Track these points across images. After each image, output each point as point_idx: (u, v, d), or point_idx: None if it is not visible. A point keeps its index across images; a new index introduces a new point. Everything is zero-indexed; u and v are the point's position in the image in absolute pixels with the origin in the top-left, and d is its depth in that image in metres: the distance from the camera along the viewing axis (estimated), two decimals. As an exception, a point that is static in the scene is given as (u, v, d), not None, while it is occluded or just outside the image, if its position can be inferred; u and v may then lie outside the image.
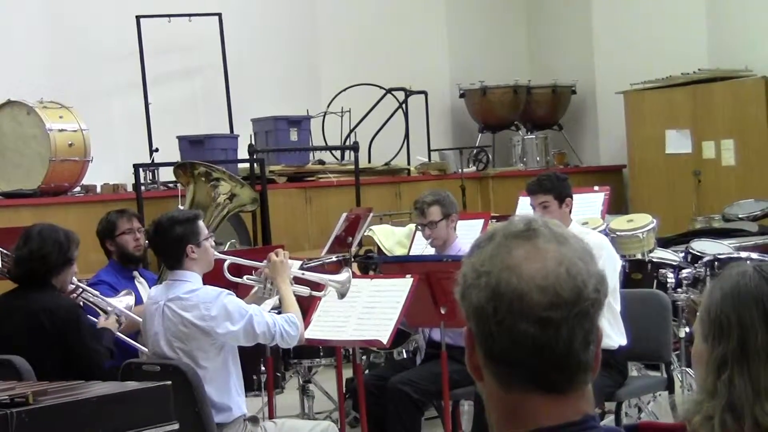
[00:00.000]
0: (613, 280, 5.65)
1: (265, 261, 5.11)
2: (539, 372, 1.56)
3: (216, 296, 4.77)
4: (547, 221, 1.64)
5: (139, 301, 5.61)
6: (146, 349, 5.11)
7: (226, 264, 5.15)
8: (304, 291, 5.19)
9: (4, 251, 5.54)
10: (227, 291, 4.87)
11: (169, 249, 4.88)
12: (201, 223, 4.95)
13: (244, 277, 5.20)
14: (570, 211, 5.91)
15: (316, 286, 5.26)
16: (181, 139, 9.81)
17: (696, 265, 6.93)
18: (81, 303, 5.33)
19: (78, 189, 9.04)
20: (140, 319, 5.15)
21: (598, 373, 1.64)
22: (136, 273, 6.09)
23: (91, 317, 5.32)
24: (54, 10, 9.89)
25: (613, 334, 5.60)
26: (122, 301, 5.45)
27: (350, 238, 7.70)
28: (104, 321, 5.28)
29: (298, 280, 5.16)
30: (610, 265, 5.65)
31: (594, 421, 1.61)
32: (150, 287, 5.79)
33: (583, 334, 1.57)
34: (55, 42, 9.87)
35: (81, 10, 10.00)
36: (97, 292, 5.45)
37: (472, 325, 1.60)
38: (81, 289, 5.37)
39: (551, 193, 5.84)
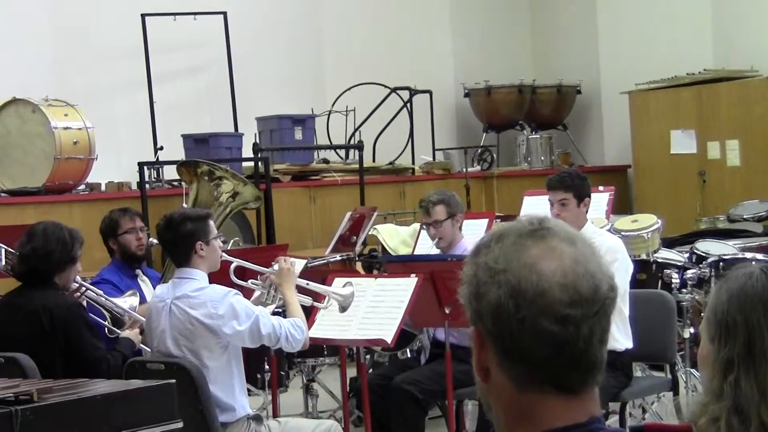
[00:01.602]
0: (625, 284, 5.62)
1: (271, 267, 5.11)
2: (557, 370, 1.57)
3: (224, 295, 4.77)
4: (557, 221, 1.64)
5: (142, 299, 5.61)
6: (149, 349, 5.10)
7: (232, 266, 5.15)
8: (307, 301, 5.20)
9: (9, 249, 5.54)
10: (234, 291, 4.87)
11: (178, 244, 4.88)
12: (212, 222, 4.97)
13: (249, 281, 5.20)
14: (587, 212, 5.88)
15: (319, 297, 5.26)
16: (185, 137, 9.82)
17: (701, 265, 6.92)
18: (84, 302, 5.32)
19: (82, 187, 9.05)
20: (143, 319, 5.16)
21: (604, 373, 1.64)
22: (139, 271, 6.09)
23: (95, 317, 5.31)
24: (59, 9, 9.89)
25: (620, 337, 5.59)
26: (126, 302, 5.44)
27: (354, 237, 7.70)
28: (128, 332, 5.27)
29: (301, 290, 5.16)
30: (624, 268, 5.64)
31: (599, 422, 1.61)
32: (153, 286, 5.79)
33: (601, 332, 1.58)
34: (60, 40, 9.88)
35: (86, 8, 10.01)
36: (100, 291, 5.44)
37: (487, 324, 1.59)
38: (84, 288, 5.37)
39: (571, 191, 5.81)
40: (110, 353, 5.03)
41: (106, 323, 5.38)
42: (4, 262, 5.59)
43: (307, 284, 5.23)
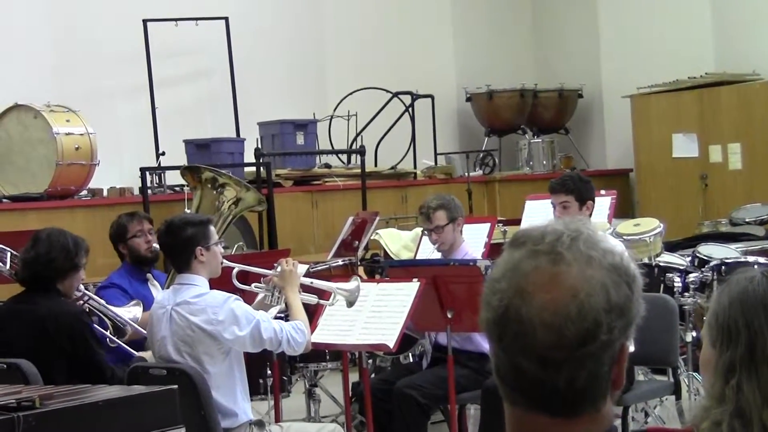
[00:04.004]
0: None
1: (273, 269, 5.11)
2: (540, 401, 1.53)
3: (224, 301, 4.77)
4: (581, 233, 1.55)
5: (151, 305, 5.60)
6: (149, 359, 5.10)
7: (235, 271, 5.15)
8: (312, 299, 5.19)
9: (14, 252, 5.54)
10: (235, 296, 4.87)
11: (178, 249, 4.88)
12: (212, 228, 4.97)
13: (252, 285, 5.20)
14: (590, 215, 5.87)
15: (324, 295, 5.24)
16: (187, 142, 9.82)
17: (703, 269, 6.91)
18: (87, 309, 5.32)
19: (84, 192, 9.04)
20: (145, 332, 5.16)
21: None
22: (149, 275, 6.10)
23: (97, 327, 5.30)
24: (61, 14, 9.89)
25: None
26: (130, 312, 5.44)
27: (356, 242, 7.70)
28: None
29: (305, 288, 5.15)
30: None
31: None
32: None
33: (588, 373, 1.51)
34: (61, 45, 9.88)
35: (88, 13, 10.01)
36: (102, 301, 5.44)
37: None
38: (87, 297, 5.36)
39: (573, 194, 5.80)
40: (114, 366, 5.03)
41: (108, 332, 5.38)
42: (9, 266, 5.60)
43: (311, 282, 5.22)
